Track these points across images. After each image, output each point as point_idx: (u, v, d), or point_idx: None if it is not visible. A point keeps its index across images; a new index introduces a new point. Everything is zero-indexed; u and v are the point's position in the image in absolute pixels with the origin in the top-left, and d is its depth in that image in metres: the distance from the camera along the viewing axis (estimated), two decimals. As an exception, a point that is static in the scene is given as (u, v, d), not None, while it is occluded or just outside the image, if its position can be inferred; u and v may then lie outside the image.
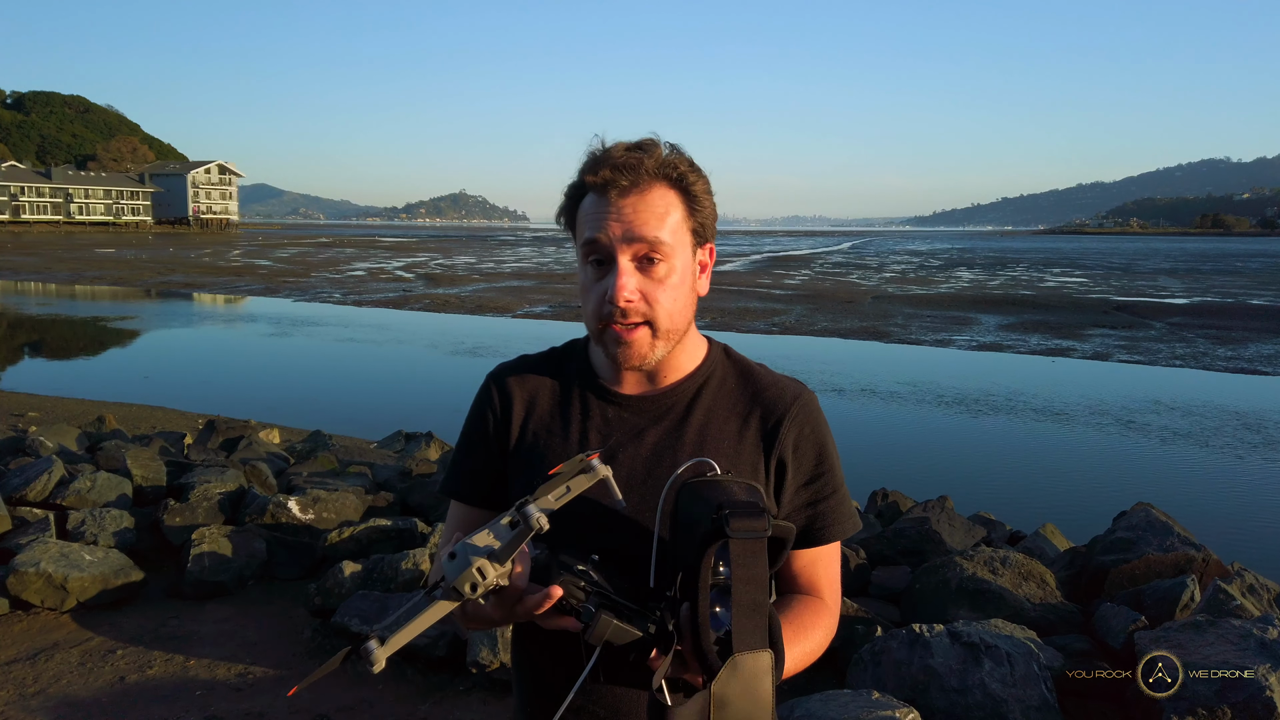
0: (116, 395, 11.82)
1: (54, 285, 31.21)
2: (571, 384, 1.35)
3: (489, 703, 3.74)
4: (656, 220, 1.22)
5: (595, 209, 1.24)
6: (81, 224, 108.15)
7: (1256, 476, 8.72)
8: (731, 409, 1.31)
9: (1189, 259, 61.51)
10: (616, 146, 1.24)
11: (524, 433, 1.34)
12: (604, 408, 1.32)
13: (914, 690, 3.34)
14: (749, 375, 1.35)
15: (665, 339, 1.26)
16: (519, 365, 1.40)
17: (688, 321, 1.28)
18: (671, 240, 1.23)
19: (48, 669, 3.98)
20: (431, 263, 44.16)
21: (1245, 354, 16.20)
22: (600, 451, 1.19)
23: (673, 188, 1.25)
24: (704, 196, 1.27)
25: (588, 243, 1.24)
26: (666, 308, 1.24)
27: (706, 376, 1.33)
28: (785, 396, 1.32)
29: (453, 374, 13.81)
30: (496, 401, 1.37)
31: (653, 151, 1.24)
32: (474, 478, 1.37)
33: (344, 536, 5.14)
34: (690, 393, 1.32)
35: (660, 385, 1.32)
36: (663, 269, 1.23)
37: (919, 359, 15.74)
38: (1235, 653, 3.09)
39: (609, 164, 1.22)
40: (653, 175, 1.23)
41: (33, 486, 5.51)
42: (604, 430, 1.31)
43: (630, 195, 1.22)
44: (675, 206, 1.24)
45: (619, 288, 1.21)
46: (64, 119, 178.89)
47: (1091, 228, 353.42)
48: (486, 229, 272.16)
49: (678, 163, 1.25)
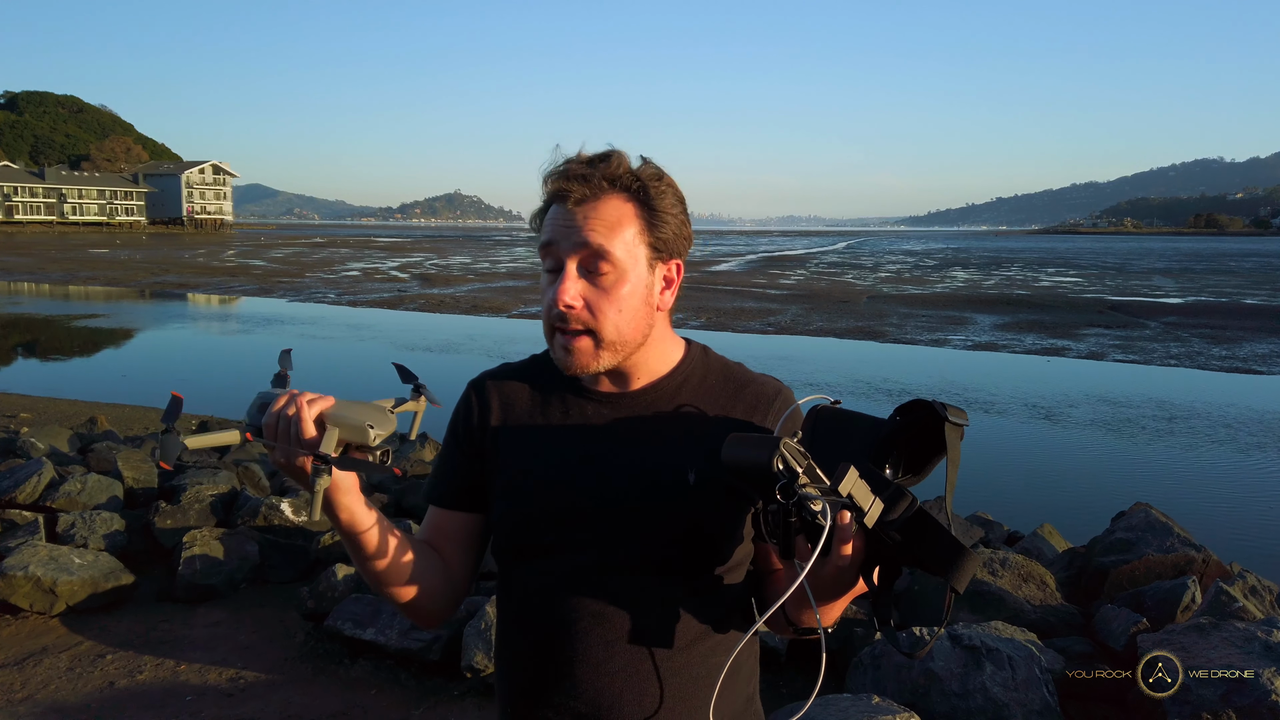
0: (109, 396, 11.75)
1: (47, 286, 31.07)
2: (552, 386, 1.35)
3: (483, 707, 3.69)
4: (606, 230, 1.22)
5: (552, 217, 1.25)
6: (75, 224, 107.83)
7: (1254, 476, 8.71)
8: (713, 403, 1.32)
9: (1183, 258, 61.64)
10: (577, 157, 1.25)
11: (501, 435, 1.34)
12: (583, 405, 1.32)
13: (914, 694, 3.30)
14: (729, 373, 1.36)
15: (610, 350, 1.25)
16: (499, 371, 1.41)
17: (640, 333, 1.27)
18: (622, 252, 1.23)
19: (36, 674, 3.92)
20: (426, 263, 44.06)
21: (1240, 353, 16.21)
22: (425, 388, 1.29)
23: (630, 200, 1.24)
24: (667, 212, 1.26)
25: (541, 247, 1.26)
26: (612, 319, 1.24)
27: (686, 375, 1.34)
28: (767, 392, 1.33)
29: (449, 374, 13.76)
30: (474, 407, 1.38)
31: (611, 162, 1.24)
32: (449, 482, 1.38)
33: (337, 539, 5.08)
34: (671, 389, 1.32)
35: (639, 384, 1.32)
36: (609, 279, 1.23)
37: (914, 359, 15.72)
38: (1239, 655, 3.06)
39: (564, 174, 1.23)
40: (608, 187, 1.23)
41: (22, 489, 5.45)
42: (583, 426, 1.31)
43: (584, 205, 1.22)
44: (630, 218, 1.24)
45: (560, 291, 1.22)
46: (57, 119, 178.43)
47: (1086, 227, 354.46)
48: (481, 229, 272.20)
49: (641, 175, 1.25)
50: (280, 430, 1.14)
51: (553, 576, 1.28)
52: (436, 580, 1.33)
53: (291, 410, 1.14)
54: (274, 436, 1.15)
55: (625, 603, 1.25)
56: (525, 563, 1.31)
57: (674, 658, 1.26)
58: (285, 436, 1.14)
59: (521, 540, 1.30)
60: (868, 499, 1.02)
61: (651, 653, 1.25)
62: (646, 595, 1.25)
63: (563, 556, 1.27)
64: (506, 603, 1.35)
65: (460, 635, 3.84)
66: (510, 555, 1.33)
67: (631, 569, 1.25)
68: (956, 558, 1.01)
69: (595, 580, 1.26)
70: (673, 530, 1.25)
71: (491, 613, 3.78)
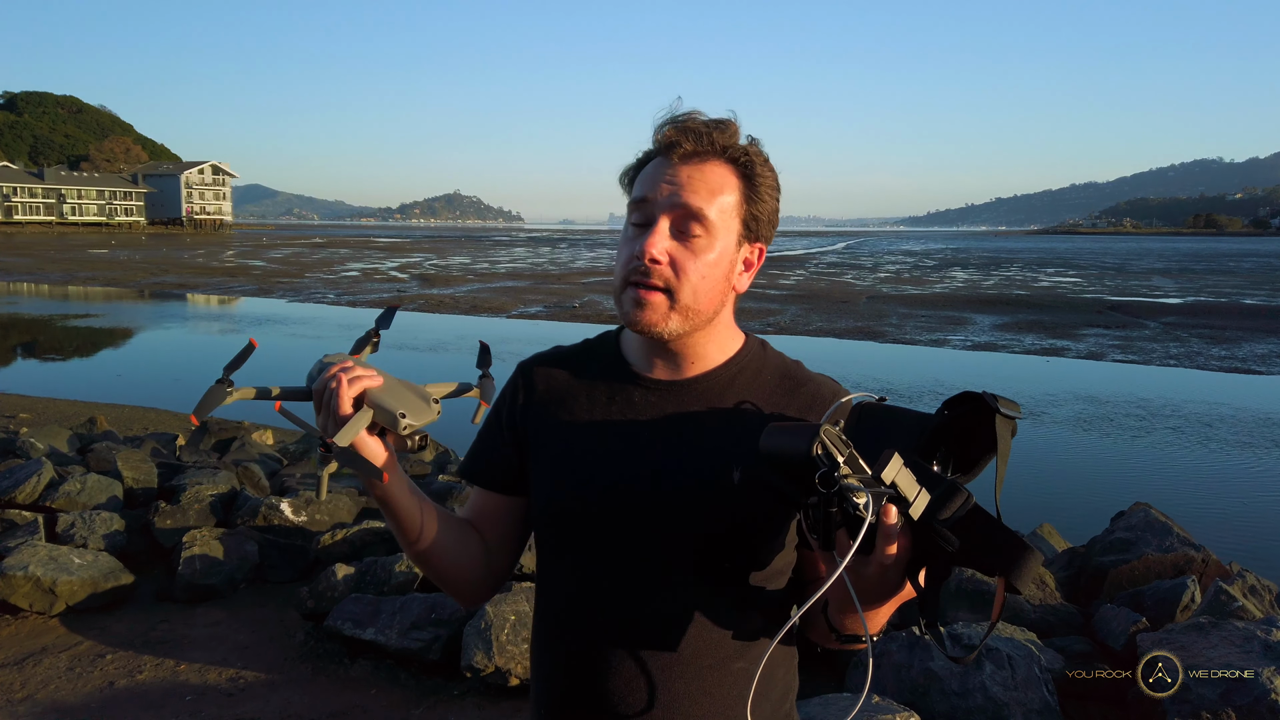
0: (108, 396, 11.74)
1: (46, 286, 31.05)
2: (601, 370, 1.32)
3: (484, 707, 3.69)
4: (707, 193, 1.19)
5: (653, 171, 1.22)
6: (74, 225, 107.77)
7: (1253, 476, 8.71)
8: (768, 400, 1.27)
9: (1182, 259, 61.65)
10: (695, 113, 1.22)
11: (544, 417, 1.31)
12: (631, 392, 1.28)
13: (914, 694, 3.30)
14: (786, 370, 1.31)
15: (682, 314, 1.20)
16: (548, 354, 1.38)
17: (713, 306, 1.23)
18: (717, 219, 1.20)
19: (35, 674, 3.92)
20: (426, 263, 44.04)
21: (1239, 353, 16.21)
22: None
23: (735, 172, 1.21)
24: (766, 193, 1.23)
25: (635, 201, 1.22)
26: (692, 281, 1.19)
27: (741, 367, 1.29)
28: (823, 392, 1.28)
29: (445, 374, 13.76)
30: (520, 389, 1.35)
31: (727, 130, 1.21)
32: (490, 463, 1.35)
33: (337, 539, 5.09)
34: (725, 381, 1.27)
35: (692, 373, 1.28)
36: (700, 243, 1.19)
37: (914, 359, 15.72)
38: (1239, 655, 3.06)
39: (679, 125, 1.20)
40: (718, 151, 1.20)
41: (22, 489, 5.45)
42: (629, 413, 1.27)
43: (690, 163, 1.20)
44: (731, 189, 1.21)
45: (649, 243, 1.18)
46: (57, 119, 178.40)
47: (1085, 228, 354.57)
48: (481, 229, 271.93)
49: (750, 151, 1.22)
50: (324, 400, 1.16)
51: (591, 576, 1.25)
52: (475, 560, 1.32)
53: (334, 383, 1.15)
54: (319, 406, 1.16)
55: (665, 608, 1.22)
56: (563, 557, 1.28)
57: (711, 669, 1.22)
58: (322, 407, 1.16)
59: (558, 530, 1.28)
60: (913, 488, 0.98)
61: (688, 663, 1.21)
62: (686, 599, 1.22)
63: (601, 552, 1.24)
64: (545, 601, 1.32)
65: (460, 635, 3.84)
66: (548, 547, 1.31)
67: (670, 568, 1.22)
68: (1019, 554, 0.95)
69: (634, 582, 1.22)
70: (714, 529, 1.20)
71: (491, 612, 3.78)
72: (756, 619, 1.24)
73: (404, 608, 4.04)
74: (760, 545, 1.22)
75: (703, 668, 1.22)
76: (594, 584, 1.24)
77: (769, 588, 1.24)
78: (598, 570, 1.24)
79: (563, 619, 1.28)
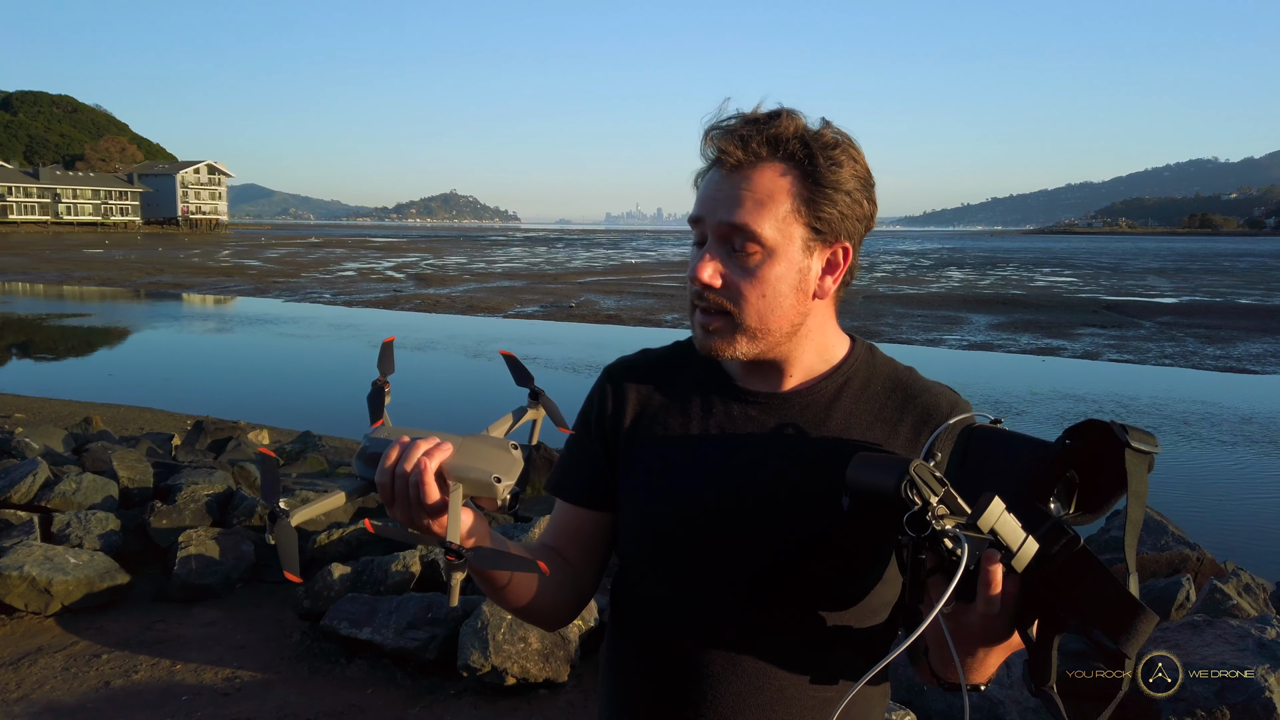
0: (104, 396, 11.72)
1: (42, 286, 30.98)
2: (694, 378, 1.23)
3: (480, 707, 3.69)
4: (754, 205, 1.08)
5: (704, 184, 1.13)
6: (70, 224, 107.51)
7: (1247, 475, 8.74)
8: (878, 414, 1.17)
9: (1177, 258, 61.77)
10: (738, 115, 1.11)
11: (636, 429, 1.22)
12: (728, 404, 1.19)
13: (910, 692, 3.31)
14: (898, 379, 1.21)
15: (750, 337, 1.12)
16: (637, 359, 1.29)
17: (788, 322, 1.13)
18: (771, 231, 1.08)
19: (31, 674, 3.91)
20: (422, 263, 44.02)
21: (1234, 353, 16.25)
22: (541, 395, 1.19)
23: (791, 171, 1.09)
24: (837, 188, 1.09)
25: (690, 220, 1.15)
26: (754, 304, 1.10)
27: (848, 377, 1.20)
28: (941, 404, 1.18)
29: (442, 374, 13.75)
30: (609, 397, 1.25)
31: (777, 123, 1.08)
32: (577, 475, 1.27)
33: (333, 538, 5.08)
34: (829, 393, 1.18)
35: (792, 384, 1.19)
36: (755, 260, 1.09)
37: (910, 359, 15.61)
38: (1234, 653, 3.07)
39: (722, 132, 1.10)
40: (768, 153, 1.08)
41: (17, 489, 5.44)
42: (727, 427, 1.18)
43: (737, 173, 1.09)
44: (784, 194, 1.08)
45: (699, 269, 1.10)
46: (52, 119, 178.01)
47: (1080, 227, 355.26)
48: (478, 229, 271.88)
49: (812, 141, 1.09)
50: (399, 491, 1.02)
51: (682, 596, 1.18)
52: (563, 589, 1.23)
53: (408, 466, 1.01)
54: (391, 499, 1.03)
55: (755, 632, 1.15)
56: (653, 575, 1.20)
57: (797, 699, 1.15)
58: (405, 499, 1.02)
59: (652, 548, 1.20)
60: (1017, 537, 0.88)
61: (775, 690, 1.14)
62: (779, 624, 1.14)
63: (693, 572, 1.16)
64: (629, 616, 1.25)
65: (456, 634, 3.84)
66: (638, 563, 1.23)
67: (762, 597, 1.14)
68: (1130, 616, 0.85)
69: (726, 604, 1.15)
70: (813, 558, 1.12)
71: (488, 611, 3.78)
72: (850, 651, 1.16)
73: (400, 607, 4.04)
74: (861, 575, 1.14)
75: (787, 696, 1.15)
76: (684, 604, 1.18)
77: (869, 621, 1.16)
78: (688, 590, 1.17)
79: (649, 635, 1.21)
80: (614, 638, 1.29)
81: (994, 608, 0.92)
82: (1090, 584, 0.87)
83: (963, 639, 0.98)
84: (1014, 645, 1.00)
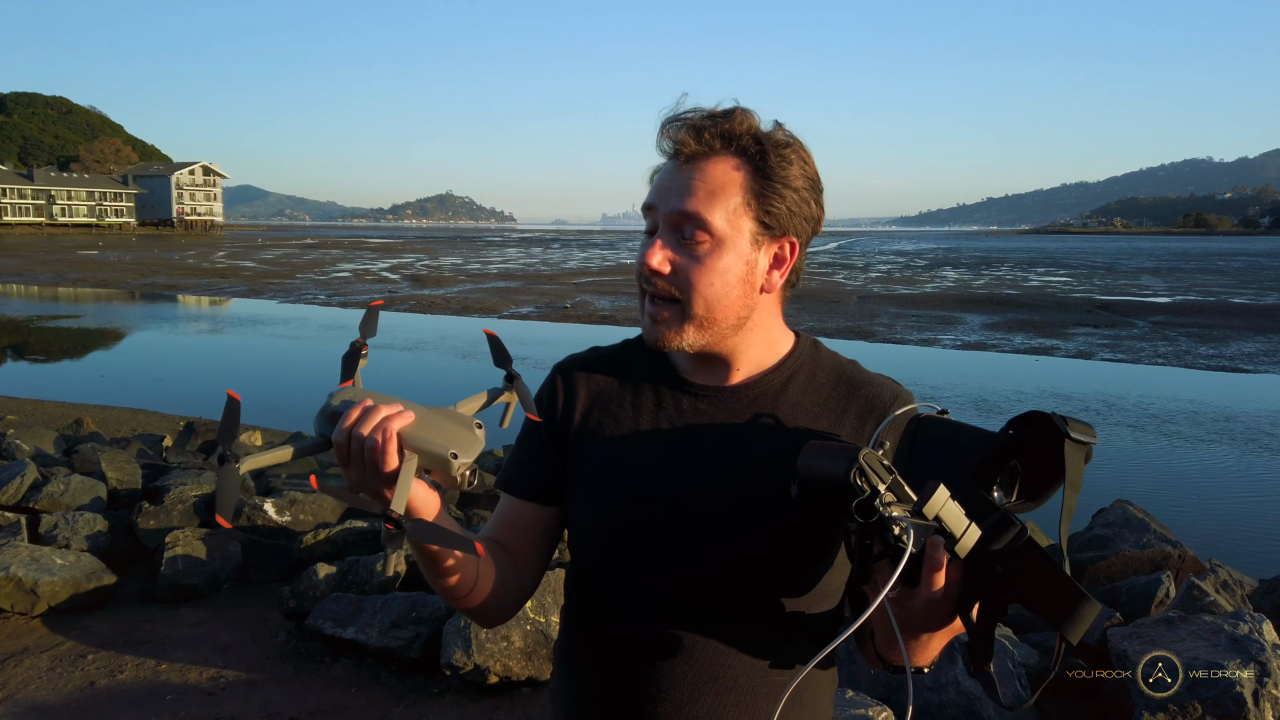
0: (96, 398, 11.71)
1: (36, 287, 30.94)
2: (644, 374, 1.25)
3: (463, 705, 3.71)
4: (706, 195, 1.10)
5: (659, 175, 1.16)
6: (64, 226, 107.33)
7: (1235, 473, 8.78)
8: (823, 406, 1.19)
9: (1171, 258, 61.93)
10: (693, 110, 1.13)
11: (586, 425, 1.23)
12: (678, 398, 1.21)
13: (888, 688, 3.33)
14: (841, 371, 1.23)
15: (699, 326, 1.14)
16: (587, 356, 1.30)
17: (735, 313, 1.15)
18: (721, 222, 1.10)
19: (16, 674, 3.92)
20: (417, 264, 44.00)
21: (1227, 352, 16.31)
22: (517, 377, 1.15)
23: (743, 166, 1.11)
24: (786, 184, 1.12)
25: (643, 208, 1.17)
26: (701, 292, 1.12)
27: (794, 370, 1.22)
28: (883, 395, 1.20)
29: (437, 374, 13.76)
30: (559, 394, 1.26)
31: (731, 119, 1.11)
32: (526, 471, 1.27)
33: (320, 539, 5.10)
34: (776, 386, 1.20)
35: (740, 378, 1.21)
36: (704, 249, 1.11)
37: (904, 358, 15.77)
38: (1207, 648, 3.09)
39: (677, 124, 1.12)
40: (721, 146, 1.11)
41: (4, 490, 5.45)
42: (677, 421, 1.20)
43: (693, 163, 1.12)
44: (736, 187, 1.11)
45: (648, 254, 1.12)
46: (46, 120, 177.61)
47: (1075, 227, 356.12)
48: (473, 230, 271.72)
49: (764, 139, 1.12)
50: (354, 453, 1.01)
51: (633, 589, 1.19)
52: (505, 582, 1.22)
53: (366, 429, 1.00)
54: (346, 459, 1.01)
55: (708, 622, 1.16)
56: (604, 569, 1.22)
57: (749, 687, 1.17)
58: (360, 463, 1.01)
59: (602, 542, 1.21)
60: (960, 524, 0.91)
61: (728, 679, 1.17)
62: (731, 614, 1.16)
63: (645, 565, 1.18)
64: (580, 610, 1.27)
65: (440, 633, 3.85)
66: (588, 558, 1.24)
67: (716, 583, 1.16)
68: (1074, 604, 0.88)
69: (678, 595, 1.17)
70: (765, 547, 1.14)
71: (471, 611, 3.79)
72: (801, 638, 1.19)
73: (385, 607, 4.06)
74: (812, 562, 1.16)
75: (740, 684, 1.17)
76: (636, 596, 1.19)
77: (819, 607, 1.19)
78: (640, 583, 1.19)
79: (602, 629, 1.23)
80: (568, 632, 1.30)
81: (938, 593, 0.94)
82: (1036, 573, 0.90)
83: (907, 623, 1.00)
84: (956, 629, 1.02)
